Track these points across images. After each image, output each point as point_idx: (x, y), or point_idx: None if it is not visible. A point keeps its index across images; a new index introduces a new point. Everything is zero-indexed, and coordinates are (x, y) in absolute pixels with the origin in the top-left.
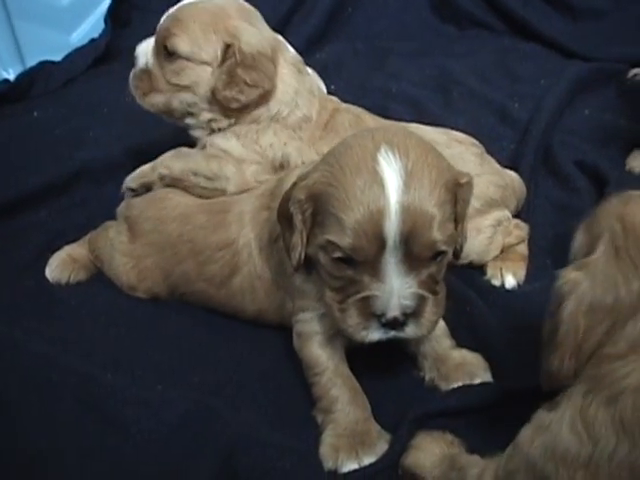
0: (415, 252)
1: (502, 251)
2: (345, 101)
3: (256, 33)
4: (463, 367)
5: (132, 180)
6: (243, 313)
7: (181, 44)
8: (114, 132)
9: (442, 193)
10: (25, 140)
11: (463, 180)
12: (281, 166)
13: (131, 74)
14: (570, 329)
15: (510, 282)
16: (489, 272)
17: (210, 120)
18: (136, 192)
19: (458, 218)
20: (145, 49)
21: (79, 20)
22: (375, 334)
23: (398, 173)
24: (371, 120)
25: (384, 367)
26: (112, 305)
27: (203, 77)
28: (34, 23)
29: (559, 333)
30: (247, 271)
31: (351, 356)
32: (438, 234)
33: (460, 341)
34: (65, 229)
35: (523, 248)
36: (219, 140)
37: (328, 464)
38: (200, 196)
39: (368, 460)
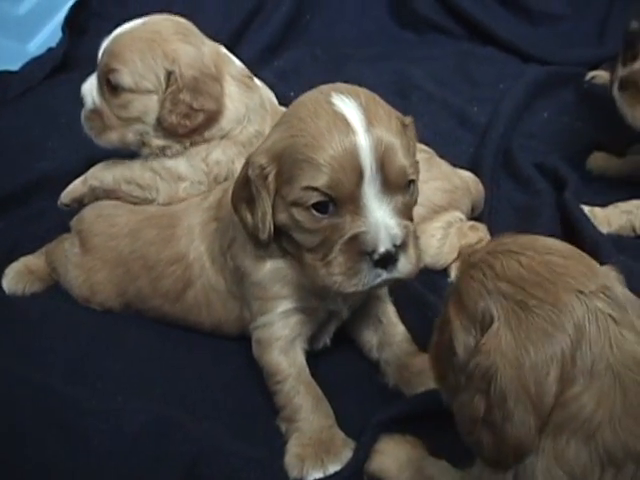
0: (390, 180)
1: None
2: None
3: (196, 54)
4: (426, 372)
5: (65, 195)
6: (201, 326)
7: (123, 77)
8: (72, 142)
9: (397, 125)
10: None
11: (407, 121)
12: (225, 179)
13: (82, 115)
14: (520, 395)
15: None
16: (452, 274)
17: (164, 147)
18: (70, 207)
19: None
20: (89, 88)
21: (36, 29)
22: (368, 277)
23: (356, 109)
24: None
25: (347, 374)
26: (72, 317)
27: (150, 106)
28: None
29: (508, 404)
30: (201, 284)
31: (313, 363)
32: (405, 160)
33: (423, 346)
34: (23, 240)
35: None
36: (167, 159)
37: (293, 473)
38: (133, 204)
39: (333, 468)
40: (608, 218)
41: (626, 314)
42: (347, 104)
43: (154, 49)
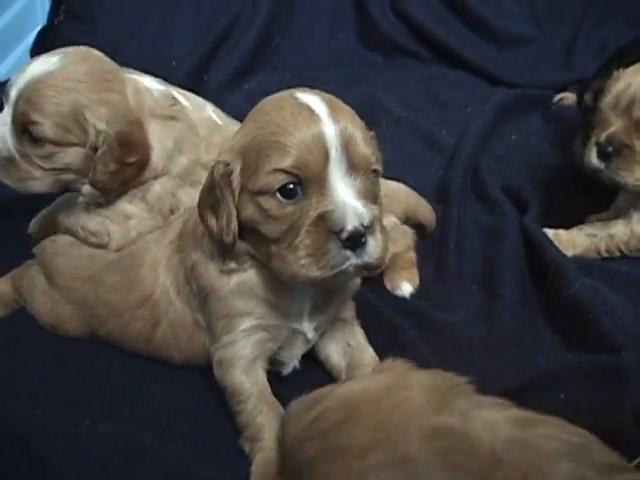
0: (355, 164)
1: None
2: None
3: (120, 101)
4: None
5: (34, 224)
6: (172, 361)
7: (46, 130)
8: None
9: (360, 121)
10: None
11: (371, 134)
12: (171, 212)
13: None
14: None
15: (407, 289)
16: (387, 284)
17: (97, 194)
18: (39, 235)
19: None
20: (1, 134)
21: (5, 54)
22: (336, 258)
23: (319, 101)
24: None
25: None
26: (40, 342)
27: (76, 158)
28: None
29: None
30: (168, 321)
31: (280, 386)
32: (367, 149)
33: None
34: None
35: (411, 255)
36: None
37: None
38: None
39: None
40: (573, 241)
41: (470, 394)
42: (310, 97)
43: (78, 102)
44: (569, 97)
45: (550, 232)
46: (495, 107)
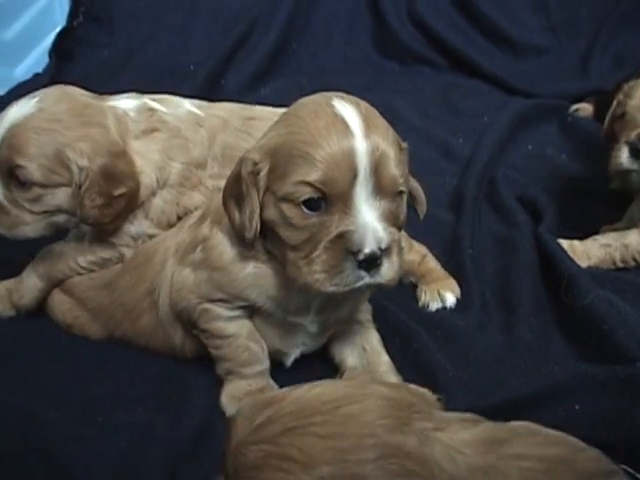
0: (382, 185)
1: (417, 273)
2: None
3: (101, 134)
4: None
5: (29, 301)
6: (176, 352)
7: (33, 173)
8: None
9: (394, 138)
10: None
11: (403, 146)
12: (179, 219)
13: None
14: None
15: (450, 300)
16: (426, 297)
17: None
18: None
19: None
20: None
21: (23, 54)
22: (350, 277)
23: (356, 114)
24: (237, 120)
25: None
26: (52, 341)
27: (64, 198)
28: None
29: None
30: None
31: (282, 380)
32: (396, 170)
33: (407, 377)
34: (3, 263)
35: (437, 266)
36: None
37: (230, 411)
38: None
39: None
40: (587, 252)
41: (433, 410)
42: (348, 109)
43: (59, 142)
44: (585, 108)
45: (565, 243)
46: (511, 116)
